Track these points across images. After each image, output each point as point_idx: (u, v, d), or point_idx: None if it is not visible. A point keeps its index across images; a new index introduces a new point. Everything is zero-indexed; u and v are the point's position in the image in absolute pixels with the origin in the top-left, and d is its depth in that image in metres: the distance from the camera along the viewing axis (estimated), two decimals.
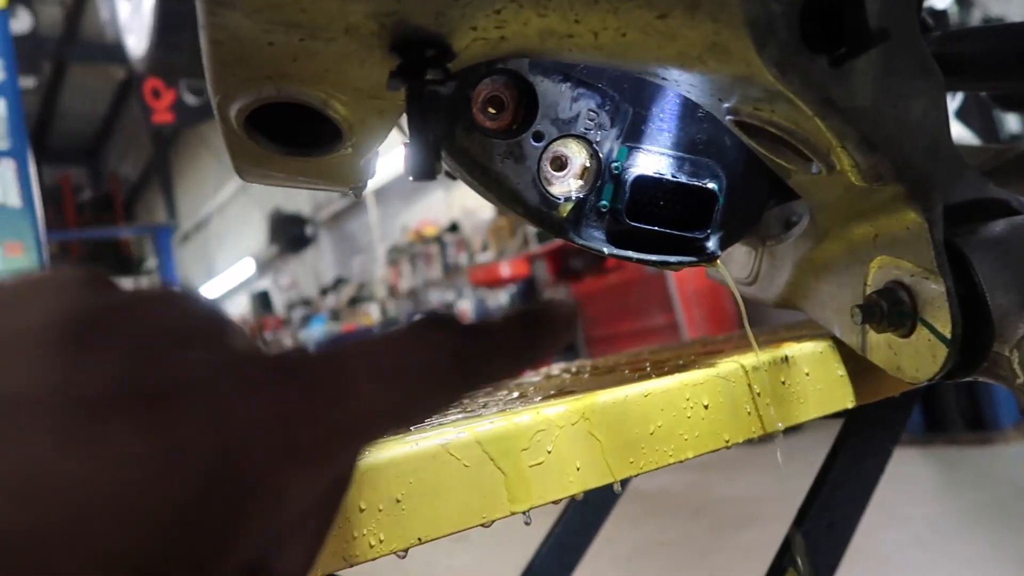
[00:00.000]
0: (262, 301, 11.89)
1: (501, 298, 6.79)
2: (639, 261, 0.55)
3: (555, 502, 0.51)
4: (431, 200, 8.21)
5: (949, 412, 3.49)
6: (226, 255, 13.66)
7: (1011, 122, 3.46)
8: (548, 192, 0.52)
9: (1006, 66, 0.66)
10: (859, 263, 0.57)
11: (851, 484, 0.78)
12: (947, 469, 3.24)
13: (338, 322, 9.33)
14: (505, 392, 0.73)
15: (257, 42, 0.39)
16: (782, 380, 0.61)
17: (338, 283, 9.95)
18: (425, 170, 0.38)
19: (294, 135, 0.50)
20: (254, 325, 11.57)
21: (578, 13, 0.37)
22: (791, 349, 0.62)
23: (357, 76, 0.43)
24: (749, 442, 0.60)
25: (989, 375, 0.52)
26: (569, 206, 0.52)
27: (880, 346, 0.56)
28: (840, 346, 0.63)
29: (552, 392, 0.62)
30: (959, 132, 0.96)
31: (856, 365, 0.64)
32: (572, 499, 0.52)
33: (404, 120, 0.49)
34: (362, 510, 0.43)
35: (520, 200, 0.52)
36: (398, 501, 0.45)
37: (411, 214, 8.65)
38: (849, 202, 0.54)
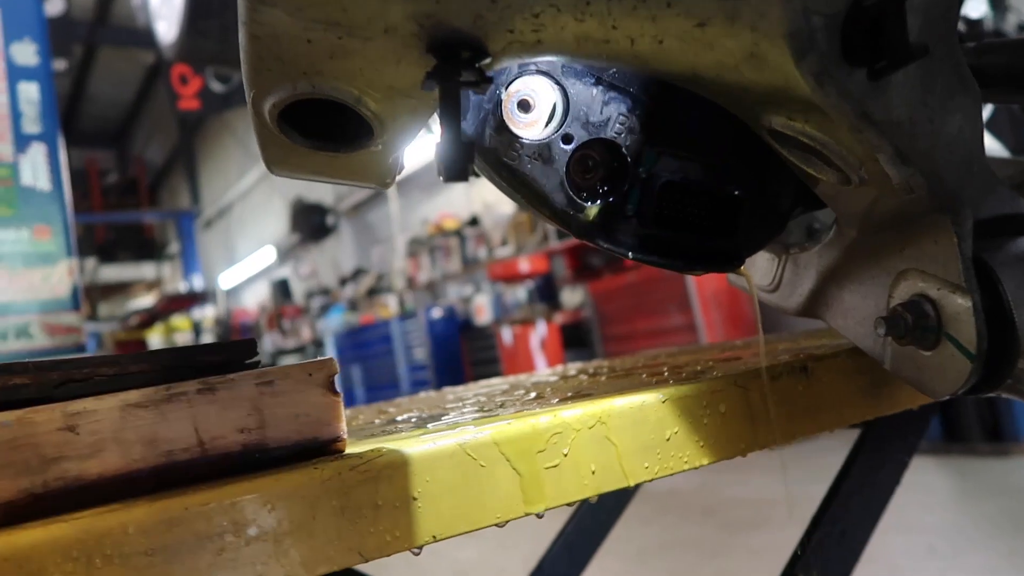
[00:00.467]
0: (281, 289, 11.97)
1: (519, 294, 6.79)
2: (663, 266, 0.55)
3: (569, 504, 0.51)
4: (452, 193, 8.23)
5: (967, 422, 3.46)
6: (247, 242, 13.78)
7: None
8: (576, 195, 0.52)
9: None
10: (884, 275, 0.56)
11: (865, 494, 0.77)
12: (963, 479, 3.20)
13: (356, 312, 9.38)
14: (523, 392, 0.73)
15: (296, 39, 0.40)
16: (800, 389, 0.61)
17: (357, 273, 9.99)
18: (459, 171, 0.38)
19: (325, 130, 0.51)
20: (272, 312, 11.65)
21: (616, 19, 0.37)
22: (810, 359, 0.62)
23: (392, 75, 0.43)
24: None
25: (1013, 392, 0.51)
26: (595, 209, 0.52)
27: (902, 359, 0.56)
28: (860, 356, 0.62)
29: (569, 394, 0.62)
30: (989, 144, 0.94)
31: (876, 376, 0.63)
32: (585, 500, 0.53)
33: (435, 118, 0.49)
34: (379, 506, 0.44)
35: (547, 202, 0.52)
36: (414, 499, 0.45)
37: (431, 206, 8.67)
38: (877, 213, 0.53)
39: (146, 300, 14.65)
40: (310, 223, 10.87)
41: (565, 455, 0.50)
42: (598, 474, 0.51)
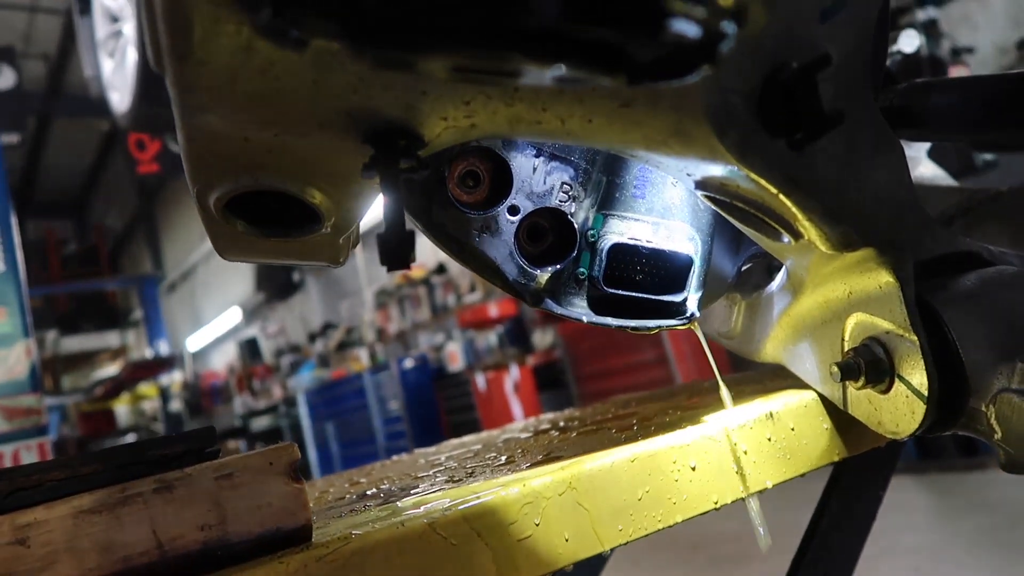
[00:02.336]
0: (250, 349, 11.80)
1: (491, 339, 6.78)
2: (618, 327, 0.55)
3: (547, 574, 0.50)
4: (418, 242, 8.23)
5: (942, 438, 3.49)
6: (213, 303, 13.61)
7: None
8: (527, 264, 0.53)
9: (971, 118, 0.68)
10: (835, 319, 0.58)
11: (844, 532, 0.78)
12: (943, 496, 3.23)
13: (327, 368, 9.27)
14: (493, 455, 0.73)
15: (233, 138, 0.40)
16: (768, 437, 0.61)
17: (326, 328, 9.90)
18: (400, 260, 0.38)
19: (273, 216, 0.51)
20: (241, 373, 11.46)
21: (545, 102, 0.38)
22: (776, 403, 0.63)
23: (333, 165, 0.43)
24: None
25: (968, 430, 0.52)
26: (547, 276, 0.53)
27: (860, 401, 0.57)
28: (824, 400, 0.63)
29: (540, 457, 0.62)
30: (933, 171, 0.98)
31: (841, 417, 0.64)
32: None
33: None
34: None
35: (499, 273, 0.52)
36: None
37: None
38: (822, 263, 0.55)
39: (111, 369, 14.34)
40: (276, 280, 10.78)
41: (537, 525, 0.50)
42: (572, 541, 0.51)
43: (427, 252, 8.07)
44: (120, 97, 3.65)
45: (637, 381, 4.84)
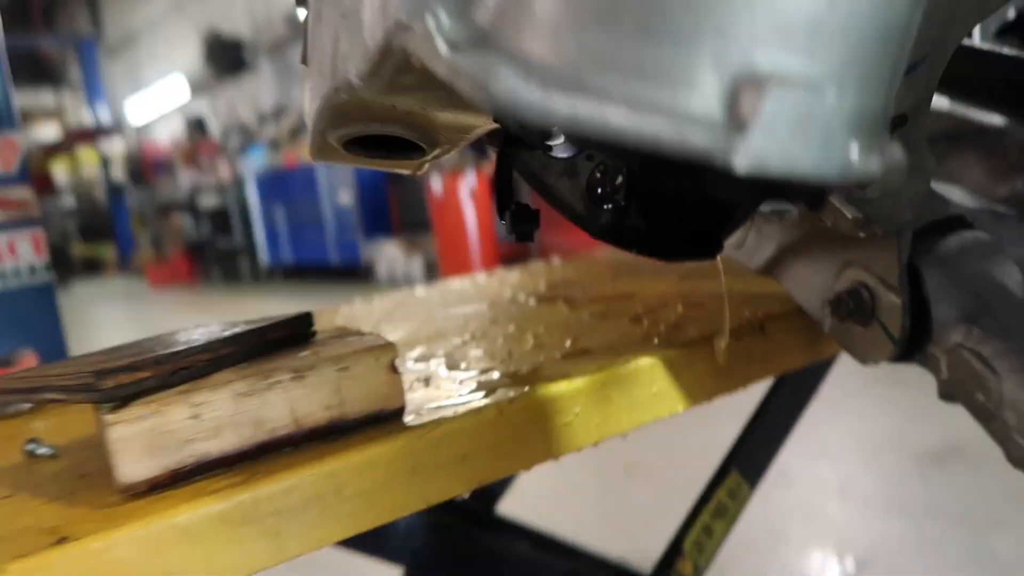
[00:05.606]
0: (197, 125, 11.39)
1: None
2: (661, 258, 0.65)
3: (578, 450, 0.64)
4: None
5: None
6: (156, 68, 12.84)
7: None
8: (593, 203, 0.61)
9: (986, 92, 0.75)
10: (835, 259, 0.69)
11: (783, 414, 0.95)
12: None
13: (278, 152, 9.10)
14: (512, 330, 0.84)
15: (381, 105, 0.46)
16: (758, 345, 0.74)
17: (278, 112, 9.59)
18: (527, 234, 0.46)
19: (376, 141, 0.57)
20: (188, 149, 11.14)
21: None
22: (767, 318, 0.75)
23: (455, 123, 0.50)
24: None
25: (921, 364, 0.66)
26: (608, 215, 0.61)
27: (839, 329, 0.69)
28: (805, 317, 0.76)
29: (567, 346, 0.74)
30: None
31: (815, 333, 0.77)
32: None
33: None
34: (439, 464, 0.55)
35: (571, 209, 0.60)
36: (465, 456, 0.57)
37: None
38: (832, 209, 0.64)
39: (48, 131, 13.70)
40: (225, 57, 10.21)
41: (576, 413, 0.63)
42: (600, 426, 0.64)
43: None
44: None
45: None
